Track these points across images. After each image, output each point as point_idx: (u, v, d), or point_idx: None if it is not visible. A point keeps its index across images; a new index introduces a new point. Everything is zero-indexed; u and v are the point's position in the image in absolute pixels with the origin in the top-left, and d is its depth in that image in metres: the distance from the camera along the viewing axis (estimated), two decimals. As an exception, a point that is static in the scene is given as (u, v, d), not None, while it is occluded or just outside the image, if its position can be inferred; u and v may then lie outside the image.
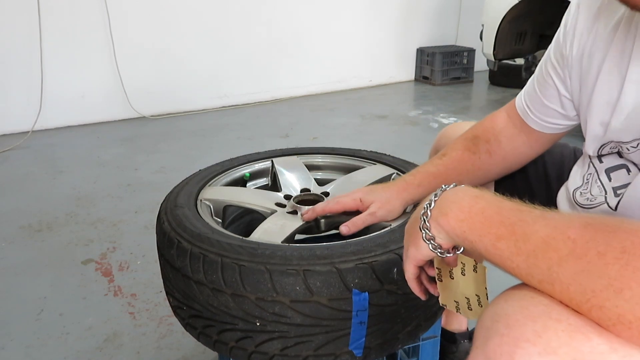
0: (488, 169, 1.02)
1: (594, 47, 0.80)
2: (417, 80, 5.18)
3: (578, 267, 0.47)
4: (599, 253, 0.46)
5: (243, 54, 4.16)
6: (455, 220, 0.59)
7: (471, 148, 1.01)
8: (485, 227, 0.56)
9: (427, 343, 1.09)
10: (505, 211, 0.56)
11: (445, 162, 1.01)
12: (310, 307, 0.78)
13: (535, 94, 0.93)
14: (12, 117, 3.40)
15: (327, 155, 1.33)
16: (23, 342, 1.46)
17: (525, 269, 0.51)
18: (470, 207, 0.58)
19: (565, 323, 0.46)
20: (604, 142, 0.80)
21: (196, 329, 0.89)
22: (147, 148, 3.18)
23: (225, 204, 1.11)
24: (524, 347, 0.46)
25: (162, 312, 1.57)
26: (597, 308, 0.45)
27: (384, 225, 0.96)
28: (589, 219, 0.50)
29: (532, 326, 0.47)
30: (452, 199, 0.61)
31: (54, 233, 2.10)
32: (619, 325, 0.44)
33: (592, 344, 0.44)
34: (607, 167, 0.81)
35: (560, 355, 0.44)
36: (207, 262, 0.82)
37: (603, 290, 0.45)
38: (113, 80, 3.66)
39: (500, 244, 0.54)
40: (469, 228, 0.57)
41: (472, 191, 0.61)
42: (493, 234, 0.55)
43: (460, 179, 1.00)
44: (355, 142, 3.21)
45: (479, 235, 0.56)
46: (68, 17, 3.45)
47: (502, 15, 3.96)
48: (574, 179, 0.90)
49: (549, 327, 0.46)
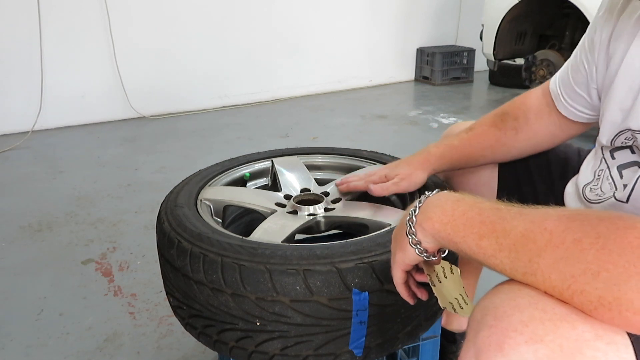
0: (512, 145, 1.03)
1: (621, 32, 0.81)
2: (417, 80, 5.18)
3: (557, 255, 0.48)
4: (575, 240, 0.48)
5: (243, 54, 4.16)
6: (440, 224, 0.61)
7: (498, 124, 1.03)
8: (468, 227, 0.58)
9: (427, 343, 1.09)
10: (485, 211, 0.58)
11: (469, 136, 1.04)
12: (310, 306, 0.78)
13: (567, 79, 0.94)
14: (12, 117, 3.40)
15: (327, 155, 1.33)
16: (23, 342, 1.46)
17: (508, 264, 0.53)
18: (453, 210, 0.60)
19: (551, 313, 0.47)
20: (621, 129, 0.79)
21: (196, 329, 0.89)
22: (147, 148, 3.18)
23: (226, 203, 1.11)
24: (512, 336, 0.47)
25: (162, 312, 1.57)
26: (578, 293, 0.47)
27: (384, 225, 0.96)
28: (564, 211, 0.52)
29: (519, 316, 0.48)
30: (435, 203, 0.63)
31: (54, 233, 2.10)
32: (600, 308, 0.45)
33: (577, 332, 0.46)
34: (620, 164, 0.81)
35: (546, 342, 0.45)
36: (207, 262, 0.82)
37: (582, 274, 0.46)
38: (113, 80, 3.66)
39: (483, 242, 0.55)
40: (452, 230, 0.59)
41: (454, 195, 0.63)
42: (475, 233, 0.56)
43: (483, 153, 1.04)
44: (355, 142, 3.21)
45: (463, 236, 0.58)
46: (68, 17, 3.45)
47: (502, 15, 3.96)
48: (584, 174, 0.91)
49: (535, 317, 0.47)
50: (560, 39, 4.12)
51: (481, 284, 1.29)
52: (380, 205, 1.08)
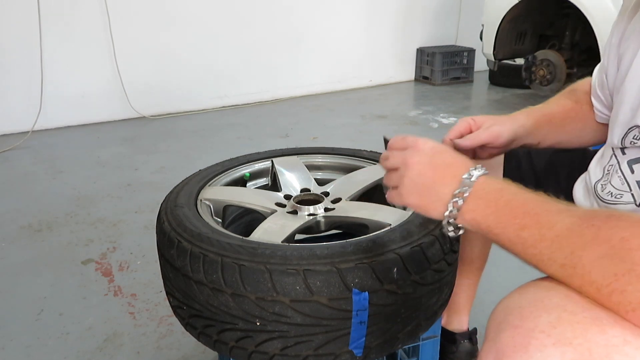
0: (589, 119, 1.00)
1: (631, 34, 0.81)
2: (417, 80, 5.18)
3: (601, 251, 0.48)
4: (623, 239, 0.47)
5: (243, 53, 4.16)
6: (482, 216, 0.61)
7: (572, 97, 1.01)
8: (511, 217, 0.57)
9: (427, 343, 1.09)
10: (530, 202, 0.57)
11: (550, 105, 1.00)
12: (310, 306, 0.78)
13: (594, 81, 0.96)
14: (12, 117, 3.40)
15: (327, 155, 1.33)
16: (23, 342, 1.46)
17: (547, 254, 0.52)
18: (497, 199, 0.60)
19: (580, 316, 0.46)
20: (631, 125, 0.79)
21: (196, 329, 0.89)
22: (147, 148, 3.18)
23: (226, 203, 1.11)
24: (539, 338, 0.46)
25: (162, 312, 1.57)
26: (618, 292, 0.46)
27: (384, 225, 0.96)
28: (613, 211, 0.51)
29: (546, 318, 0.47)
30: (479, 194, 0.62)
31: (54, 233, 2.10)
32: (638, 310, 0.45)
33: (606, 337, 0.45)
34: (630, 159, 0.81)
35: (574, 346, 0.44)
36: (207, 261, 0.82)
37: (625, 274, 0.46)
38: (113, 80, 3.66)
39: (524, 233, 0.55)
40: (494, 221, 0.59)
41: (498, 183, 0.63)
42: (517, 224, 0.56)
43: (564, 123, 0.98)
44: (355, 142, 3.21)
45: (504, 227, 0.58)
46: (68, 17, 3.45)
47: (502, 15, 3.96)
48: (594, 171, 0.91)
49: (563, 319, 0.46)
50: (560, 39, 4.12)
51: (482, 284, 1.30)
52: (380, 205, 1.08)
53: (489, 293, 1.47)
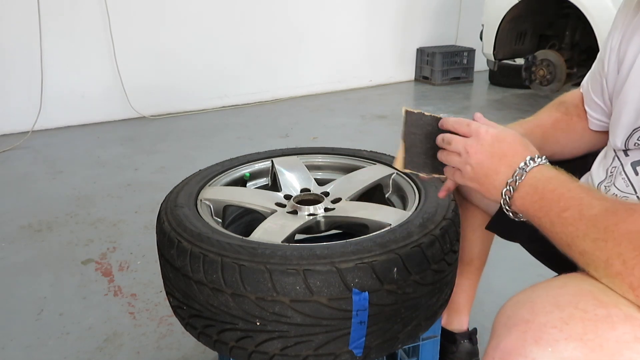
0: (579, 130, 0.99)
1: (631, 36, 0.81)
2: (417, 80, 5.18)
3: (635, 228, 0.51)
4: None
5: (243, 54, 4.16)
6: (530, 202, 0.66)
7: (561, 109, 1.01)
8: (555, 202, 0.62)
9: (427, 343, 1.09)
10: (575, 189, 0.62)
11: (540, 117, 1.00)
12: (310, 306, 0.78)
13: (587, 89, 0.96)
14: (12, 117, 3.40)
15: (327, 155, 1.33)
16: (23, 342, 1.46)
17: (583, 230, 0.56)
18: (545, 187, 0.65)
19: (592, 313, 0.48)
20: (635, 126, 0.80)
21: (196, 329, 0.89)
22: (147, 148, 3.18)
23: (226, 203, 1.11)
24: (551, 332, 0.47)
25: (162, 312, 1.57)
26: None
27: (384, 225, 0.96)
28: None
29: (558, 314, 0.48)
30: (530, 182, 0.67)
31: (54, 233, 2.10)
32: None
33: (617, 333, 0.46)
34: (634, 161, 0.81)
35: (586, 342, 0.46)
36: (207, 261, 0.82)
37: None
38: (113, 80, 3.66)
39: (566, 213, 0.59)
40: (539, 206, 0.64)
41: (549, 172, 0.67)
42: (561, 207, 0.60)
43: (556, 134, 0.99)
44: (355, 142, 3.21)
45: (547, 210, 0.62)
46: (68, 17, 3.45)
47: (502, 15, 3.96)
48: (597, 173, 0.91)
49: (575, 315, 0.48)
50: (560, 39, 4.12)
51: (481, 284, 1.29)
52: (380, 205, 1.08)
53: (489, 293, 1.47)
